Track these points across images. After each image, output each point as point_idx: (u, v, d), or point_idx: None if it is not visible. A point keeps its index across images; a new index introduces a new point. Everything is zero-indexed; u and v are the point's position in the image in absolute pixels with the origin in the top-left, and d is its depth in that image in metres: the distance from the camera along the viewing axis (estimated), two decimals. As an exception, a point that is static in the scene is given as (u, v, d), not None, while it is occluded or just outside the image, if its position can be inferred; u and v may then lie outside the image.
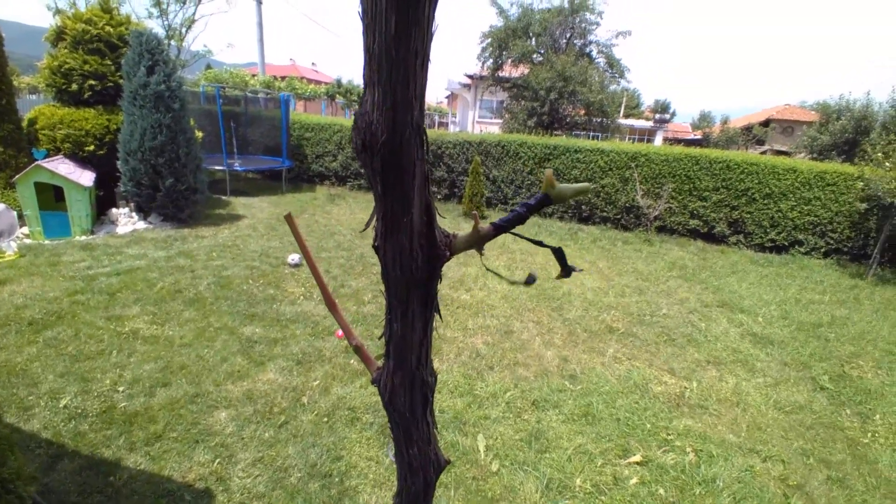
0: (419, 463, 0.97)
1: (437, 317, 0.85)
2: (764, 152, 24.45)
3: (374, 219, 0.72)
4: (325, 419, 3.44)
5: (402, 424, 0.94)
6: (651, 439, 3.54)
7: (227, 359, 4.05)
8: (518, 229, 0.72)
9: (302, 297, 5.41)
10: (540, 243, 0.82)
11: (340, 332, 4.65)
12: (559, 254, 0.78)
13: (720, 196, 9.57)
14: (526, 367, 4.40)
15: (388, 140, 0.60)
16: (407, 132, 0.60)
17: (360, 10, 0.56)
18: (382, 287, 0.81)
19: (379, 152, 0.61)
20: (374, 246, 0.75)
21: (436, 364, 4.28)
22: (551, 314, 5.57)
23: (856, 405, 4.27)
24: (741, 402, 4.13)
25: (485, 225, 0.74)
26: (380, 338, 0.86)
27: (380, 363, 0.96)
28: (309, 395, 3.68)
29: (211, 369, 3.88)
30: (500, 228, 0.75)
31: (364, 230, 0.71)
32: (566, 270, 0.78)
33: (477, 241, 0.75)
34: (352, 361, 4.21)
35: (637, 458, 3.31)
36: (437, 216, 0.74)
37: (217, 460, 2.96)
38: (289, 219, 0.96)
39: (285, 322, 4.80)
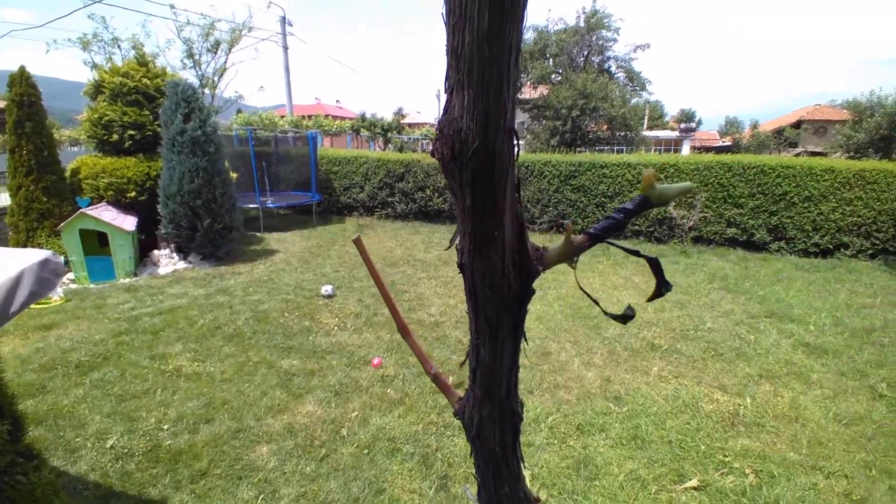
0: (509, 503, 0.88)
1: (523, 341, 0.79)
2: (798, 154, 23.74)
3: (458, 236, 0.67)
4: (366, 451, 3.39)
5: (492, 461, 0.85)
6: (707, 462, 3.35)
7: (266, 392, 4.07)
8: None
9: (336, 328, 5.43)
10: (637, 253, 0.75)
11: (376, 361, 4.63)
12: (656, 267, 0.70)
13: (757, 202, 9.27)
14: (567, 389, 4.28)
15: (480, 148, 0.55)
16: (500, 138, 0.55)
17: (443, 10, 0.53)
18: (415, 315, 0.77)
19: (469, 162, 0.56)
20: (459, 265, 0.70)
21: (474, 390, 4.20)
22: (588, 333, 5.43)
23: (918, 412, 3.99)
24: (799, 417, 3.90)
25: (577, 235, 0.68)
26: (461, 364, 0.80)
27: (460, 392, 0.88)
28: (348, 427, 3.65)
29: (252, 404, 3.90)
30: (595, 238, 0.69)
31: (448, 249, 0.66)
32: (661, 287, 0.70)
33: (571, 253, 0.69)
34: (389, 391, 4.18)
35: (693, 482, 3.14)
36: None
37: (261, 496, 2.94)
38: (358, 242, 0.93)
39: (321, 353, 4.82)
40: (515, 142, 0.60)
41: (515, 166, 0.61)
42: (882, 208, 8.59)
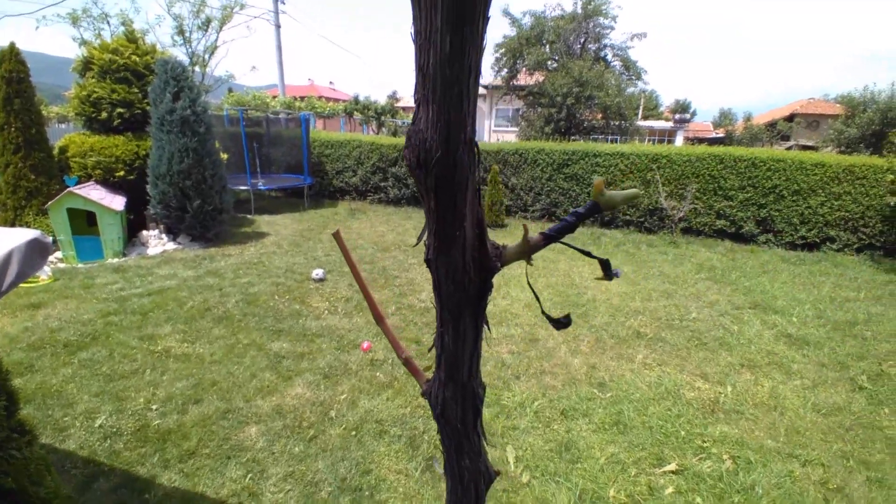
0: (471, 475, 0.98)
1: (486, 330, 0.87)
2: (790, 148, 23.89)
3: (426, 234, 0.72)
4: (354, 433, 3.44)
5: (454, 437, 0.94)
6: (686, 447, 3.44)
7: (256, 374, 4.10)
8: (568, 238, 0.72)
9: (326, 312, 5.46)
10: (588, 254, 0.83)
11: (366, 345, 4.67)
12: (606, 266, 0.79)
13: (747, 195, 9.36)
14: (553, 375, 4.35)
15: (443, 157, 0.61)
16: (461, 148, 0.61)
17: (412, 32, 0.57)
18: (406, 300, 0.82)
19: (433, 169, 0.62)
20: (426, 260, 0.76)
21: (462, 375, 4.26)
22: (577, 321, 5.49)
23: (895, 403, 4.09)
24: (778, 406, 4.00)
25: (533, 235, 0.75)
26: (429, 350, 0.87)
27: (429, 375, 0.96)
28: (337, 409, 3.70)
29: (241, 385, 3.93)
30: (549, 238, 0.76)
31: (416, 245, 0.72)
32: (608, 275, 0.80)
33: (527, 252, 0.76)
34: (378, 374, 4.22)
35: (672, 466, 3.22)
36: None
37: (249, 476, 2.98)
38: (337, 236, 0.99)
39: (311, 336, 4.85)
40: (476, 151, 0.64)
41: (476, 173, 0.66)
42: (870, 204, 8.70)
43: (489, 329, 0.86)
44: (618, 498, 2.94)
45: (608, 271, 0.79)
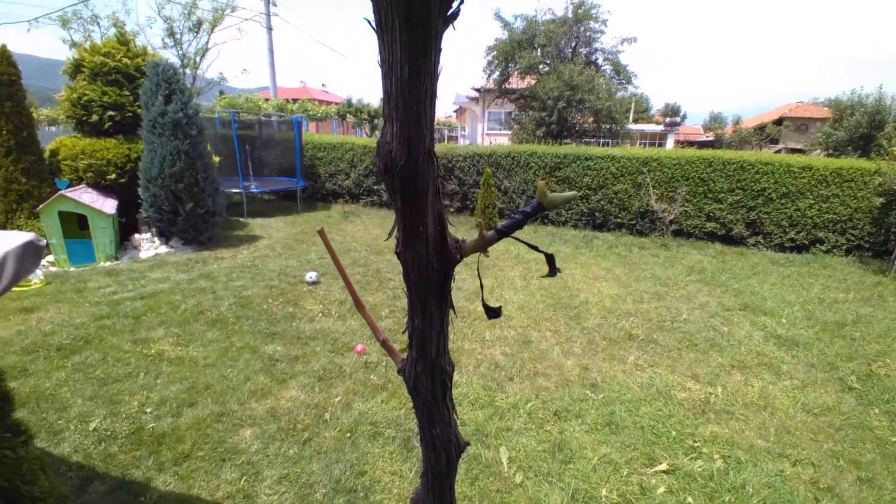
0: (441, 443, 1.08)
1: (452, 313, 0.97)
2: (778, 151, 24.16)
3: (396, 230, 0.82)
4: (348, 435, 3.46)
5: (426, 408, 1.05)
6: (677, 447, 3.49)
7: (250, 377, 4.11)
8: (524, 235, 0.78)
9: (320, 314, 5.46)
10: (535, 248, 0.92)
11: (360, 347, 4.68)
12: (550, 259, 0.90)
13: (736, 197, 9.47)
14: (546, 377, 4.39)
15: (406, 165, 0.70)
16: (421, 158, 0.70)
17: (378, 59, 0.66)
18: (400, 303, 0.88)
19: (398, 175, 0.71)
20: (396, 252, 0.86)
21: (455, 377, 4.29)
22: (569, 323, 5.54)
23: (884, 404, 4.16)
24: (768, 406, 4.06)
25: (489, 232, 0.85)
26: (403, 332, 0.97)
27: (404, 355, 1.06)
28: (331, 412, 3.71)
29: (235, 388, 3.94)
30: (501, 233, 0.85)
31: (387, 239, 0.77)
32: (552, 271, 0.91)
33: (482, 245, 0.86)
34: (372, 377, 4.24)
35: (663, 466, 3.27)
36: (449, 226, 0.84)
37: (244, 478, 2.99)
38: (322, 234, 1.06)
39: (305, 339, 4.86)
40: (435, 160, 0.74)
41: (436, 178, 0.76)
42: (858, 206, 8.84)
43: (454, 313, 0.96)
44: (610, 497, 2.98)
45: (553, 266, 0.90)
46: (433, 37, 0.63)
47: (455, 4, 0.64)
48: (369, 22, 0.64)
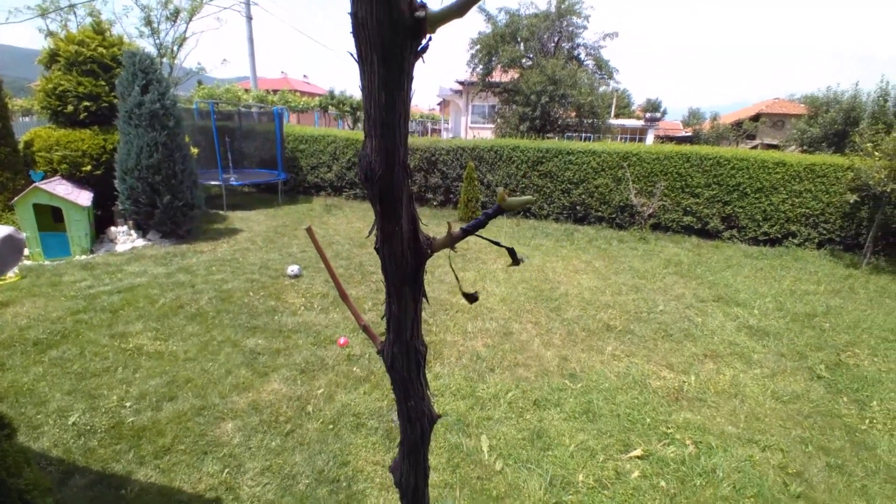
0: (416, 415, 1.21)
1: (424, 300, 1.10)
2: (755, 147, 24.62)
3: (375, 228, 0.93)
4: (331, 426, 3.49)
5: (402, 384, 1.17)
6: (651, 433, 3.60)
7: (231, 371, 4.10)
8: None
9: (303, 308, 5.46)
10: (497, 243, 1.05)
11: (342, 340, 4.71)
12: (511, 252, 1.03)
13: (712, 192, 9.68)
14: (526, 367, 4.47)
15: (383, 175, 0.81)
16: (396, 168, 0.82)
17: (360, 84, 0.76)
18: (382, 297, 0.96)
19: (377, 183, 0.82)
20: (375, 248, 0.97)
21: (437, 368, 4.35)
22: (549, 315, 5.63)
23: (853, 392, 4.33)
24: (739, 394, 4.20)
25: (456, 229, 0.97)
26: (382, 317, 1.10)
27: (382, 338, 1.19)
28: (314, 404, 3.74)
29: (216, 382, 3.93)
30: (466, 232, 0.97)
31: (367, 237, 0.85)
32: (515, 261, 1.03)
33: (450, 242, 0.98)
34: (354, 369, 4.27)
35: (638, 452, 3.37)
36: (421, 224, 0.97)
37: (226, 470, 3.01)
38: (310, 231, 1.16)
39: (287, 333, 4.86)
40: (408, 169, 0.86)
41: (409, 185, 0.88)
42: (830, 201, 9.10)
43: (427, 300, 1.09)
44: (586, 482, 3.07)
45: (515, 258, 1.02)
46: (406, 70, 0.74)
47: (424, 41, 0.73)
48: (352, 55, 0.74)
